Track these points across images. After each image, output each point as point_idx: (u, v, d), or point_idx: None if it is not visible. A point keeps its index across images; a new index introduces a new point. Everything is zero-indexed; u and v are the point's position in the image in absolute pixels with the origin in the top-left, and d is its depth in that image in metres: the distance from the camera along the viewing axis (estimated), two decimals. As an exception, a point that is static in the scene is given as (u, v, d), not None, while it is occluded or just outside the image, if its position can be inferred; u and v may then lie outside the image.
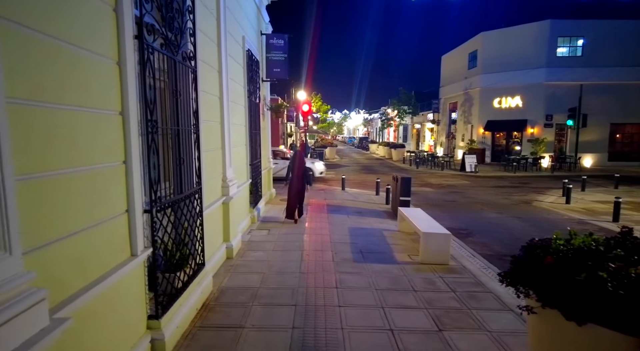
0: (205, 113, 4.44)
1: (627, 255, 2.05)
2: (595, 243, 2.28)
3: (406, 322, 3.61)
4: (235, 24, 6.28)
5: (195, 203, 3.91)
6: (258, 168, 8.22)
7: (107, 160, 2.41)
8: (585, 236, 2.44)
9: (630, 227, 2.25)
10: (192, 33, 3.83)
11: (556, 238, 2.20)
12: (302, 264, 5.17)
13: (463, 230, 7.53)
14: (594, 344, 1.82)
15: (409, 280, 4.70)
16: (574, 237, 2.30)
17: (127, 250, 2.64)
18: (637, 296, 1.70)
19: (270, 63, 9.24)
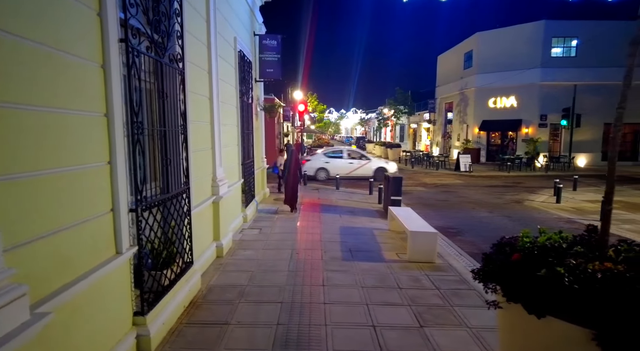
0: (194, 114, 4.51)
1: (587, 251, 2.14)
2: (561, 241, 2.38)
3: (389, 319, 3.69)
4: (227, 26, 6.35)
5: (183, 203, 3.98)
6: (251, 168, 8.29)
7: (92, 161, 2.48)
8: (554, 234, 2.53)
9: (594, 225, 2.34)
10: (180, 35, 3.90)
11: (523, 236, 2.29)
12: (291, 263, 5.24)
13: (452, 228, 7.63)
14: (552, 336, 1.91)
15: (395, 277, 4.78)
16: (541, 235, 2.39)
17: (112, 248, 2.72)
18: (591, 290, 1.79)
19: (264, 63, 9.31)
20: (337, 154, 15.66)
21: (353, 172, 14.93)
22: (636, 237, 6.91)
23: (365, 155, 15.89)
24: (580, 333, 1.77)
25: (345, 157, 15.44)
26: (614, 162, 2.13)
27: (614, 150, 2.16)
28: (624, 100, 2.05)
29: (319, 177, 14.82)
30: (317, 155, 15.84)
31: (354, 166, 15.02)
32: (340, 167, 14.95)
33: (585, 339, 1.74)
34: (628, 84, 2.00)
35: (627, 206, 10.00)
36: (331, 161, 15.23)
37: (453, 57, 29.33)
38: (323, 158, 15.40)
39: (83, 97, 2.38)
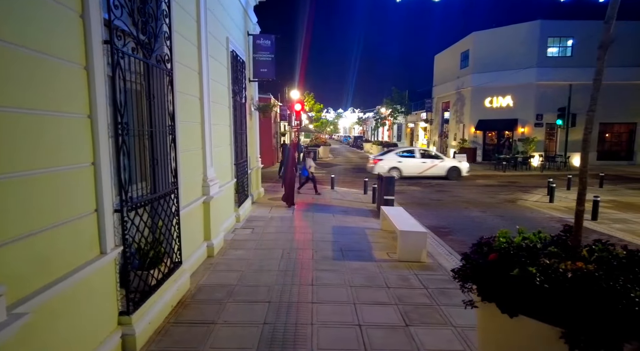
0: (183, 115, 4.53)
1: (561, 251, 2.17)
2: (538, 241, 2.41)
3: (375, 318, 3.73)
4: (218, 26, 6.36)
5: (171, 203, 4.00)
6: (244, 168, 8.31)
7: (75, 162, 2.50)
8: (532, 234, 2.57)
9: (570, 225, 2.37)
10: (168, 36, 3.91)
11: (499, 236, 2.32)
12: (281, 262, 5.27)
13: (445, 228, 7.67)
14: (524, 334, 1.95)
15: (384, 277, 4.82)
16: (519, 235, 2.43)
17: (96, 248, 2.74)
18: (561, 290, 1.83)
19: (257, 63, 9.32)
20: (409, 154, 15.74)
21: (426, 172, 15.03)
22: (626, 236, 6.98)
23: (438, 155, 15.98)
24: (550, 332, 1.80)
25: (417, 156, 15.51)
26: (586, 164, 2.17)
27: (585, 153, 2.19)
28: (594, 103, 2.08)
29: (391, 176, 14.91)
30: (389, 155, 15.86)
31: (427, 165, 15.10)
32: (413, 166, 15.08)
33: (555, 337, 1.77)
34: (597, 88, 2.03)
35: (619, 205, 10.07)
36: (404, 160, 15.31)
37: (450, 56, 29.41)
38: (396, 158, 15.47)
39: (65, 99, 2.40)
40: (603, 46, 1.96)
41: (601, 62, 2.00)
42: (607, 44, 1.93)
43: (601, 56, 1.98)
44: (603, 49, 1.97)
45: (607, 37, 1.94)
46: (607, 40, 1.93)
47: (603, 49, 1.97)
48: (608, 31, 1.94)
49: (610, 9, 1.91)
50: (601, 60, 2.00)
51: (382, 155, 16.20)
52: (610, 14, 1.92)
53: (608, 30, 1.93)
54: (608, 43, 1.93)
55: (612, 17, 1.93)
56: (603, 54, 1.98)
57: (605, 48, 1.96)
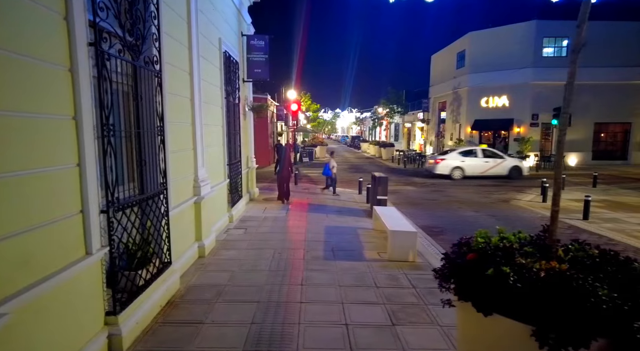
0: (173, 115, 4.55)
1: (537, 251, 2.21)
2: (518, 241, 2.45)
3: (362, 317, 3.76)
4: (210, 27, 6.38)
5: (160, 204, 4.02)
6: (237, 168, 8.33)
7: (59, 163, 2.52)
8: (513, 234, 2.60)
9: (548, 225, 2.41)
10: (157, 38, 3.93)
11: (477, 236, 2.36)
12: (272, 262, 5.30)
13: (437, 228, 7.72)
14: (498, 332, 1.98)
15: (373, 276, 4.85)
16: (499, 235, 2.46)
17: (81, 248, 2.76)
18: (533, 289, 1.86)
19: (251, 64, 9.34)
20: (471, 153, 15.88)
21: (488, 171, 15.20)
22: (615, 236, 7.04)
23: (500, 154, 16.09)
24: (523, 330, 1.84)
25: (479, 155, 15.63)
26: (560, 165, 2.20)
27: (560, 154, 2.22)
28: (568, 105, 2.11)
29: (454, 176, 15.06)
30: (452, 154, 16.00)
31: (490, 165, 15.30)
32: (476, 165, 15.27)
33: (526, 335, 1.81)
34: (570, 91, 2.07)
35: (611, 205, 10.14)
36: (467, 160, 15.46)
37: (446, 56, 29.47)
38: (459, 158, 15.61)
39: (49, 101, 2.42)
40: (575, 50, 2.00)
41: (574, 65, 2.04)
42: (579, 47, 1.97)
43: (574, 59, 2.02)
44: (575, 53, 2.00)
45: (578, 41, 1.97)
46: (579, 43, 1.96)
47: (575, 53, 2.00)
48: (580, 35, 1.97)
49: (581, 13, 1.94)
50: (574, 63, 2.03)
51: (444, 154, 16.37)
52: (582, 19, 1.95)
53: (580, 34, 1.97)
54: (580, 46, 1.96)
55: (584, 21, 1.97)
56: (575, 57, 2.01)
57: (578, 51, 1.99)
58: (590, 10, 2.07)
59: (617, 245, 6.47)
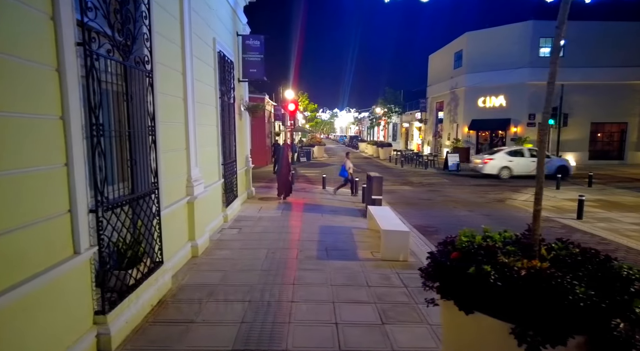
0: (165, 115, 4.56)
1: (520, 250, 2.23)
2: (503, 240, 2.47)
3: (352, 316, 3.77)
4: (204, 27, 6.38)
5: (151, 203, 4.02)
6: (232, 168, 8.33)
7: (46, 163, 2.53)
8: (498, 233, 2.62)
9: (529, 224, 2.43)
10: (148, 38, 3.94)
11: (461, 235, 2.37)
12: (265, 262, 5.31)
13: (431, 227, 7.74)
14: (479, 330, 2.00)
15: (365, 276, 4.87)
16: (484, 234, 2.48)
17: (69, 248, 2.76)
18: (513, 287, 1.88)
19: (247, 64, 9.34)
20: (519, 153, 16.08)
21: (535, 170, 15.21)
22: (608, 235, 7.07)
23: (547, 154, 16.20)
24: (503, 328, 1.85)
25: (527, 155, 15.83)
26: (542, 165, 2.22)
27: (542, 154, 2.24)
28: (549, 105, 2.13)
29: (502, 175, 15.18)
30: (499, 154, 16.21)
31: (521, 163, 15.49)
32: (524, 165, 15.44)
33: (507, 333, 1.82)
34: (551, 91, 2.09)
35: (606, 205, 10.18)
36: (514, 160, 15.67)
37: (443, 56, 29.54)
38: (506, 158, 15.81)
39: (35, 101, 2.43)
40: (555, 50, 2.01)
41: (554, 66, 2.05)
42: (559, 47, 1.98)
43: (554, 60, 2.04)
44: (555, 53, 2.02)
45: (558, 41, 1.99)
46: (559, 44, 1.98)
47: (555, 53, 2.02)
48: (559, 35, 1.99)
49: (560, 14, 1.96)
50: (554, 63, 2.05)
51: (492, 154, 16.54)
52: (561, 20, 1.97)
53: (559, 34, 1.99)
54: (560, 47, 1.98)
55: (563, 22, 1.98)
56: (556, 57, 2.03)
57: (558, 51, 2.01)
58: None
59: (609, 244, 6.52)
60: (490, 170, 15.53)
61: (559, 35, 1.98)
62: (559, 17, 1.97)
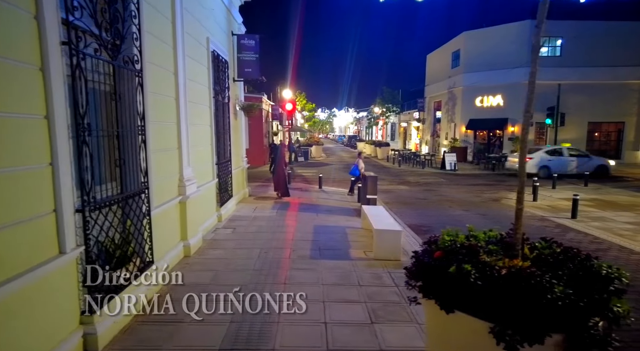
0: (156, 115, 4.55)
1: (502, 249, 2.23)
2: (486, 239, 2.47)
3: (342, 316, 3.78)
4: (198, 26, 6.37)
5: (141, 203, 4.02)
6: (227, 168, 8.32)
7: (30, 162, 2.53)
8: (483, 232, 2.63)
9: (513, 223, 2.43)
10: (137, 37, 3.93)
11: (444, 235, 2.37)
12: (257, 262, 5.30)
13: (425, 226, 7.75)
14: (460, 329, 2.00)
15: (357, 275, 4.87)
16: (469, 233, 2.48)
17: (54, 248, 2.76)
18: (494, 287, 1.88)
19: (242, 63, 9.33)
20: (558, 152, 16.27)
21: (574, 169, 15.59)
22: (601, 234, 7.08)
23: (586, 153, 16.49)
24: (483, 327, 1.85)
25: (565, 154, 16.03)
26: (523, 164, 2.22)
27: (523, 152, 2.24)
28: (530, 104, 2.13)
29: (541, 174, 15.26)
30: (538, 153, 16.36)
31: (576, 163, 15.73)
32: (562, 164, 15.67)
33: (484, 331, 1.82)
34: (532, 90, 2.09)
35: (600, 204, 10.20)
36: (553, 159, 15.90)
37: (441, 56, 29.55)
38: (545, 157, 16.02)
39: (18, 100, 2.42)
40: (535, 49, 2.01)
41: (534, 65, 2.06)
42: (539, 47, 1.98)
43: (534, 59, 2.04)
44: (535, 52, 2.02)
45: (537, 40, 1.99)
46: (539, 43, 1.98)
47: (535, 52, 2.02)
48: (538, 35, 1.99)
49: (539, 14, 1.96)
50: (534, 62, 2.05)
51: (531, 154, 16.57)
52: (540, 19, 1.97)
53: (538, 34, 1.99)
54: (539, 46, 1.98)
55: (542, 21, 1.98)
56: (536, 56, 2.03)
57: (538, 51, 2.01)
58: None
59: (602, 243, 6.53)
60: (529, 169, 15.45)
61: (538, 34, 1.98)
62: (537, 16, 1.97)
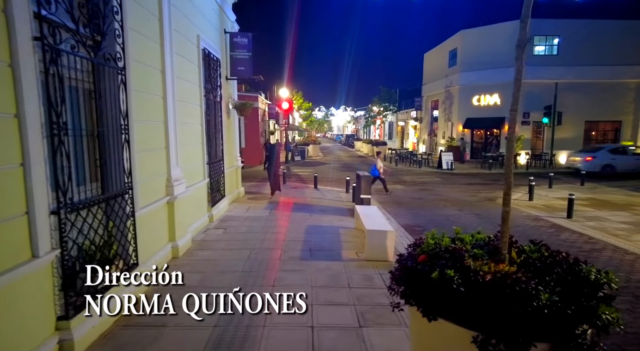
0: (142, 114, 4.44)
1: (490, 253, 2.14)
2: (473, 241, 2.38)
3: (330, 319, 3.69)
4: (187, 24, 6.26)
5: (124, 204, 3.91)
6: (219, 167, 8.21)
7: None
8: (471, 234, 2.54)
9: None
10: (120, 34, 3.82)
11: (428, 238, 2.29)
12: (247, 263, 5.21)
13: (419, 226, 7.67)
14: (443, 337, 1.91)
15: (347, 277, 4.78)
16: (456, 236, 2.39)
17: (27, 251, 2.66)
18: (478, 293, 1.79)
19: (235, 61, 9.22)
20: (621, 150, 16.24)
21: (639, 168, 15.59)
22: (596, 234, 7.02)
23: None
24: (466, 335, 1.77)
25: (629, 153, 16.03)
26: (510, 165, 2.13)
27: (510, 152, 2.16)
28: (516, 102, 2.05)
29: (604, 173, 15.29)
30: (601, 152, 16.29)
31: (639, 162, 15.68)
32: (626, 163, 15.68)
33: (467, 339, 1.74)
34: (518, 87, 2.00)
35: (597, 203, 10.14)
36: (617, 157, 15.86)
37: (438, 55, 29.46)
38: (609, 156, 15.98)
39: (-15, 98, 2.32)
40: (520, 45, 1.92)
41: (520, 62, 1.97)
42: (524, 43, 1.89)
43: (519, 56, 1.95)
44: (520, 48, 1.93)
45: (523, 36, 1.90)
46: (524, 39, 1.89)
47: (520, 48, 1.93)
48: (524, 30, 1.90)
49: (524, 8, 1.87)
50: (519, 59, 1.96)
51: (594, 152, 16.56)
52: (525, 14, 1.88)
53: (524, 29, 1.90)
54: (525, 42, 1.89)
55: (527, 16, 1.89)
56: (521, 53, 1.94)
57: (523, 47, 1.92)
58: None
59: (596, 243, 6.46)
60: (593, 168, 15.40)
61: (524, 29, 1.89)
62: (523, 11, 1.88)
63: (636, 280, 4.83)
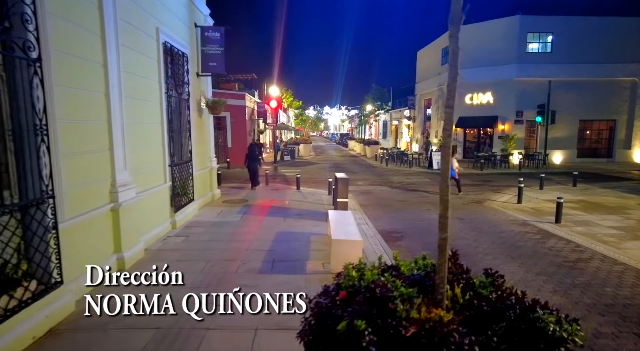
0: (71, 112, 3.96)
1: (425, 292, 1.68)
2: (411, 274, 1.92)
3: (273, 346, 3.24)
4: (141, 14, 5.76)
5: (42, 214, 3.42)
6: (187, 170, 7.71)
7: None
8: (415, 260, 2.08)
9: (457, 253, 1.87)
10: (31, 19, 3.32)
11: (348, 268, 1.82)
12: (198, 277, 4.73)
13: (397, 232, 7.21)
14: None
15: (307, 293, 4.30)
16: (371, 268, 1.93)
17: None
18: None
19: (206, 57, 8.72)
20: None
21: None
22: (584, 241, 6.57)
23: None
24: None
25: None
26: (447, 180, 1.67)
27: (447, 161, 1.69)
28: (452, 97, 1.58)
29: None
30: None
31: None
32: None
33: None
34: (453, 95, 1.54)
35: (587, 206, 9.71)
36: None
37: (431, 52, 29.02)
38: None
39: None
40: (453, 54, 1.46)
41: (454, 69, 1.50)
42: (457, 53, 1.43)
43: (453, 64, 1.49)
44: (453, 56, 1.46)
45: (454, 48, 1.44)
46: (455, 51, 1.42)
47: (453, 56, 1.46)
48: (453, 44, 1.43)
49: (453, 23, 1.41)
50: (453, 67, 1.49)
51: None
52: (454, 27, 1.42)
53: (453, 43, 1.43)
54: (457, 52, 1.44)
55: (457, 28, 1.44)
56: (455, 61, 1.49)
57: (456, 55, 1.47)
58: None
59: (584, 252, 6.02)
60: None
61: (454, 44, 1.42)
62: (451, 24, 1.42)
63: (624, 297, 4.39)
